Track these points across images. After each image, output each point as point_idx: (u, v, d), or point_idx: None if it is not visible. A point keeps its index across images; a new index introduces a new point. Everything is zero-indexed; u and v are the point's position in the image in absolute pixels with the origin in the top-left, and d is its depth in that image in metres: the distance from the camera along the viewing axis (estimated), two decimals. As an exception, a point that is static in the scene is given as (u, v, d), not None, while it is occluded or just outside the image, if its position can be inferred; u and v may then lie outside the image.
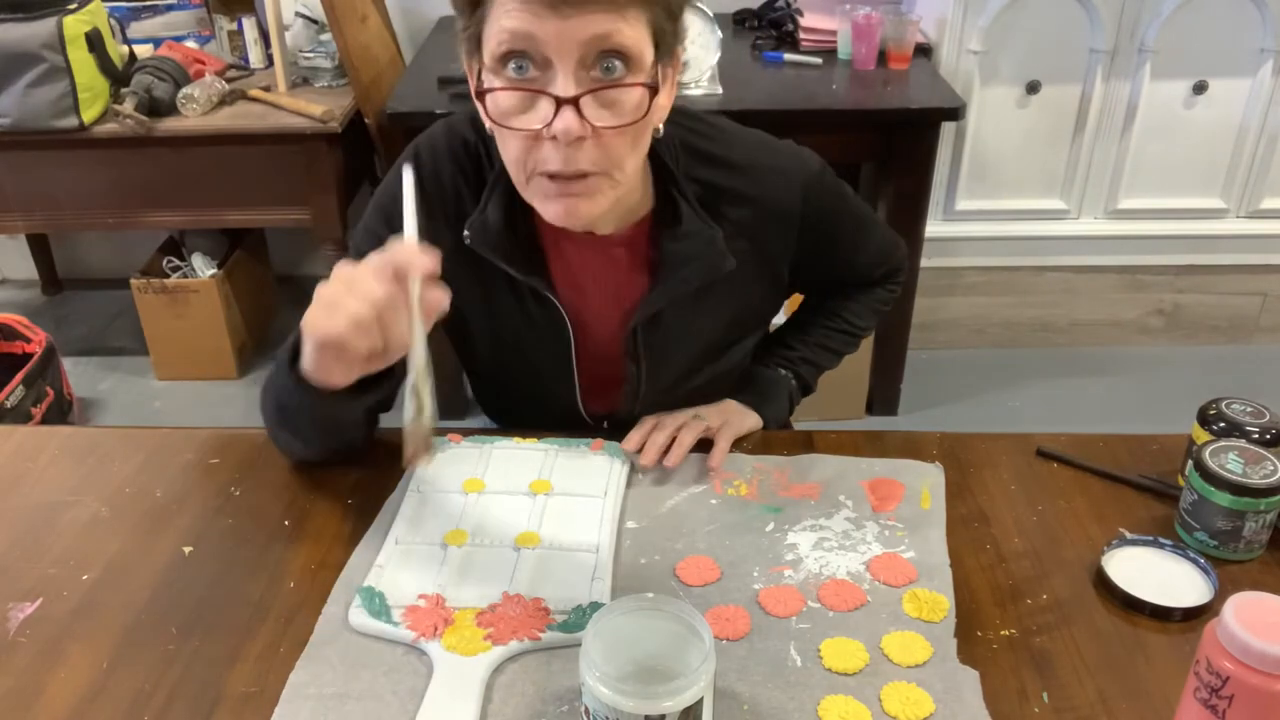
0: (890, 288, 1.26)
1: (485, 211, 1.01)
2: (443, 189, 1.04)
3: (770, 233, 1.07)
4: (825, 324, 1.24)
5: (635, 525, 0.99)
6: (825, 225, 1.10)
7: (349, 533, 0.97)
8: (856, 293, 1.24)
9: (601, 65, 0.85)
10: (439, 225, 1.03)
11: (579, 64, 0.85)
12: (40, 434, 1.15)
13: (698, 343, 1.11)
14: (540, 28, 0.83)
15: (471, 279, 1.05)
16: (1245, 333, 2.85)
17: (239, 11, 2.59)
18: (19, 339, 2.46)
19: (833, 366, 1.26)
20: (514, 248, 1.02)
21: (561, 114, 0.85)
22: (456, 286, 1.06)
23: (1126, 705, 0.80)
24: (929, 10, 2.51)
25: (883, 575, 0.92)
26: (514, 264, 1.02)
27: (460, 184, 1.04)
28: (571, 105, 0.85)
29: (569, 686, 0.80)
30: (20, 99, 2.22)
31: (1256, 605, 0.67)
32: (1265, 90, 2.50)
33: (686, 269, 1.03)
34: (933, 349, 2.81)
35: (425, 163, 1.04)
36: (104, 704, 0.80)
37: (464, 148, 1.04)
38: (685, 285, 1.04)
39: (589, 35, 0.83)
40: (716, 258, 1.03)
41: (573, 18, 0.82)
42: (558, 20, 0.82)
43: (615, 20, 0.84)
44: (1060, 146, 2.58)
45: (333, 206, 2.40)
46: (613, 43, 0.84)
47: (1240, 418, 0.98)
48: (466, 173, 1.04)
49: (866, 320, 1.25)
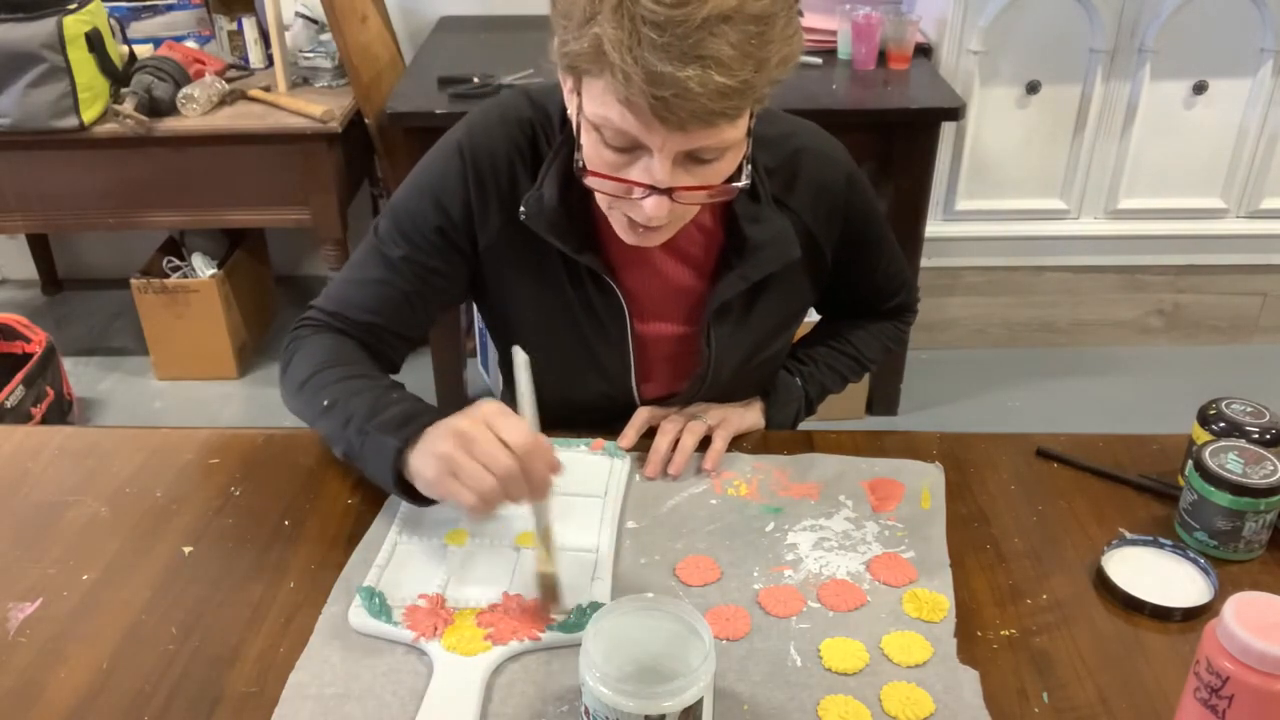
0: (900, 325, 1.27)
1: (541, 189, 1.01)
2: (496, 166, 1.03)
3: (821, 215, 1.08)
4: (835, 347, 1.25)
5: (635, 525, 0.99)
6: (859, 222, 1.11)
7: (349, 533, 0.97)
8: (867, 322, 1.25)
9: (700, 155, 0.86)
10: (490, 202, 1.04)
11: (676, 159, 0.85)
12: (40, 434, 1.15)
13: (758, 328, 1.12)
14: (650, 135, 0.83)
15: (526, 257, 1.05)
16: (1245, 333, 2.85)
17: (239, 11, 2.59)
18: (19, 339, 2.46)
19: (837, 391, 1.26)
20: (569, 226, 1.02)
21: (653, 199, 0.86)
22: (511, 268, 1.07)
23: (1126, 705, 0.80)
24: (929, 10, 2.51)
25: (883, 575, 0.92)
26: (568, 242, 1.02)
27: (516, 161, 1.03)
28: (666, 194, 0.86)
29: (569, 686, 0.80)
30: (20, 99, 2.22)
31: (1256, 605, 0.67)
32: (1265, 90, 2.50)
33: (762, 254, 1.04)
34: (933, 349, 2.81)
35: (479, 139, 1.03)
36: (104, 704, 0.80)
37: (518, 126, 1.04)
38: (760, 270, 1.05)
39: (697, 146, 0.84)
40: (788, 245, 1.05)
41: (691, 130, 0.82)
42: (677, 133, 0.82)
43: (728, 129, 0.84)
44: (1060, 146, 2.58)
45: (333, 206, 2.40)
46: (718, 143, 0.85)
47: (1240, 418, 0.98)
48: (523, 150, 1.04)
49: (874, 352, 1.26)
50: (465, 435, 0.83)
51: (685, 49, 0.77)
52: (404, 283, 1.06)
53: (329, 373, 1.01)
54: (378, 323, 1.07)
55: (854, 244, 1.12)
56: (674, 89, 0.77)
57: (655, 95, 0.78)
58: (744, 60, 0.79)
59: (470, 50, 2.50)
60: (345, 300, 1.08)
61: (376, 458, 0.92)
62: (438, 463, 0.84)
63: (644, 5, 0.76)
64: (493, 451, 0.82)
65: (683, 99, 0.78)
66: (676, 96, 0.78)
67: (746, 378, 1.15)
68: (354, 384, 0.99)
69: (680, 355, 1.12)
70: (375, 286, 1.06)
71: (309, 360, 1.03)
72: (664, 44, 0.76)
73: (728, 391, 1.14)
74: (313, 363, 1.03)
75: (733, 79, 0.78)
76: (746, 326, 1.10)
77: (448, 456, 0.83)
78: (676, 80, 0.77)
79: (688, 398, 1.12)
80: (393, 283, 1.06)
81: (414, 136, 2.14)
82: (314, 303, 1.10)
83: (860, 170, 1.11)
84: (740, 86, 0.79)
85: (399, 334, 1.09)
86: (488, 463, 0.82)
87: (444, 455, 0.84)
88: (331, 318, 1.08)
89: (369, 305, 1.07)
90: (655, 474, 1.05)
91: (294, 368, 1.05)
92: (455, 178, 1.04)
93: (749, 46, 0.79)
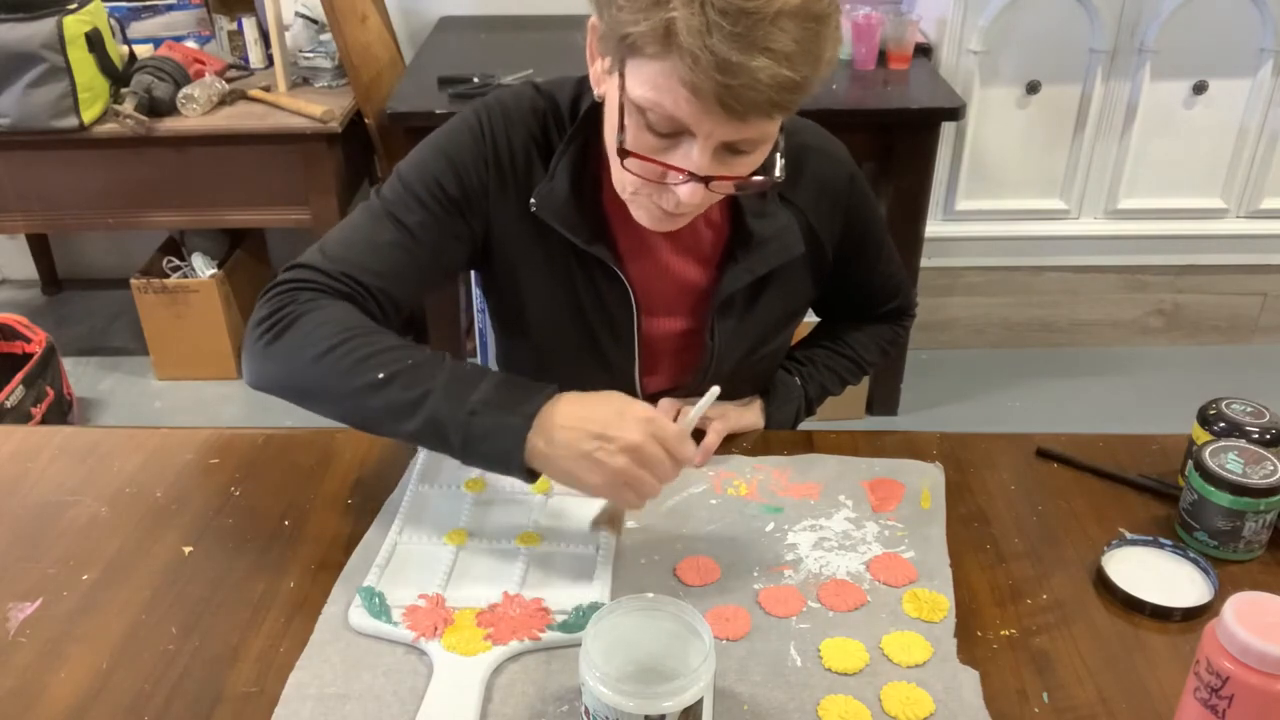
0: (897, 329, 1.28)
1: (553, 179, 1.01)
2: (513, 152, 1.03)
3: (824, 212, 1.09)
4: (833, 349, 1.25)
5: (635, 525, 0.98)
6: (860, 221, 1.12)
7: (349, 533, 0.97)
8: (865, 325, 1.25)
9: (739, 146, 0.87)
10: (507, 187, 1.03)
11: (719, 146, 0.86)
12: (40, 434, 1.15)
13: (761, 323, 1.12)
14: (699, 123, 0.84)
15: (536, 249, 1.05)
16: (1245, 333, 2.85)
17: (239, 11, 2.59)
18: (19, 339, 2.46)
19: (836, 392, 1.26)
20: (580, 218, 1.02)
21: (689, 186, 0.87)
22: (520, 256, 1.06)
23: (1126, 705, 0.80)
24: (929, 10, 2.51)
25: (883, 575, 0.92)
26: (579, 234, 1.02)
27: (532, 149, 1.03)
28: (703, 181, 0.87)
29: (569, 686, 0.80)
30: (20, 99, 2.22)
31: (1256, 605, 0.67)
32: (1265, 90, 2.50)
33: (766, 248, 1.05)
34: (933, 349, 2.81)
35: (498, 122, 1.03)
36: (104, 704, 0.80)
37: (533, 115, 1.03)
38: (765, 264, 1.06)
39: (742, 137, 0.85)
40: (792, 240, 1.06)
41: (750, 119, 0.83)
42: (734, 121, 0.83)
43: (773, 124, 0.86)
44: (1060, 146, 2.58)
45: (333, 206, 2.40)
46: (761, 135, 0.86)
47: (1240, 418, 0.98)
48: (538, 140, 1.03)
49: (872, 355, 1.26)
50: (645, 455, 0.85)
51: (754, 39, 0.78)
52: (417, 248, 1.00)
53: (369, 339, 0.91)
54: (386, 287, 0.99)
55: (854, 243, 1.13)
56: (744, 78, 0.79)
57: (724, 83, 0.79)
58: (805, 55, 0.81)
59: (470, 50, 2.50)
60: (355, 263, 0.98)
61: (497, 437, 0.86)
62: (613, 477, 0.86)
63: None
64: (667, 470, 0.87)
65: (750, 89, 0.79)
66: (744, 86, 0.79)
67: (747, 373, 1.15)
68: (409, 353, 0.91)
69: (684, 349, 1.12)
70: (390, 250, 0.99)
71: (331, 325, 0.92)
72: (736, 34, 0.78)
73: (729, 387, 1.14)
74: (340, 327, 0.92)
75: (796, 73, 0.80)
76: (749, 321, 1.10)
77: (626, 473, 0.86)
78: (747, 69, 0.79)
79: (689, 392, 1.12)
80: (408, 248, 0.99)
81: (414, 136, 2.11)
82: (307, 260, 0.98)
83: (861, 172, 1.12)
84: (802, 81, 0.81)
85: (401, 301, 1.01)
86: (662, 478, 0.87)
87: (621, 470, 0.85)
88: (337, 280, 0.97)
89: (382, 269, 0.98)
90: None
91: (303, 333, 0.92)
92: (474, 153, 1.02)
93: (809, 43, 0.81)
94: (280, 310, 0.94)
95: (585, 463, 0.86)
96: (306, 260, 0.99)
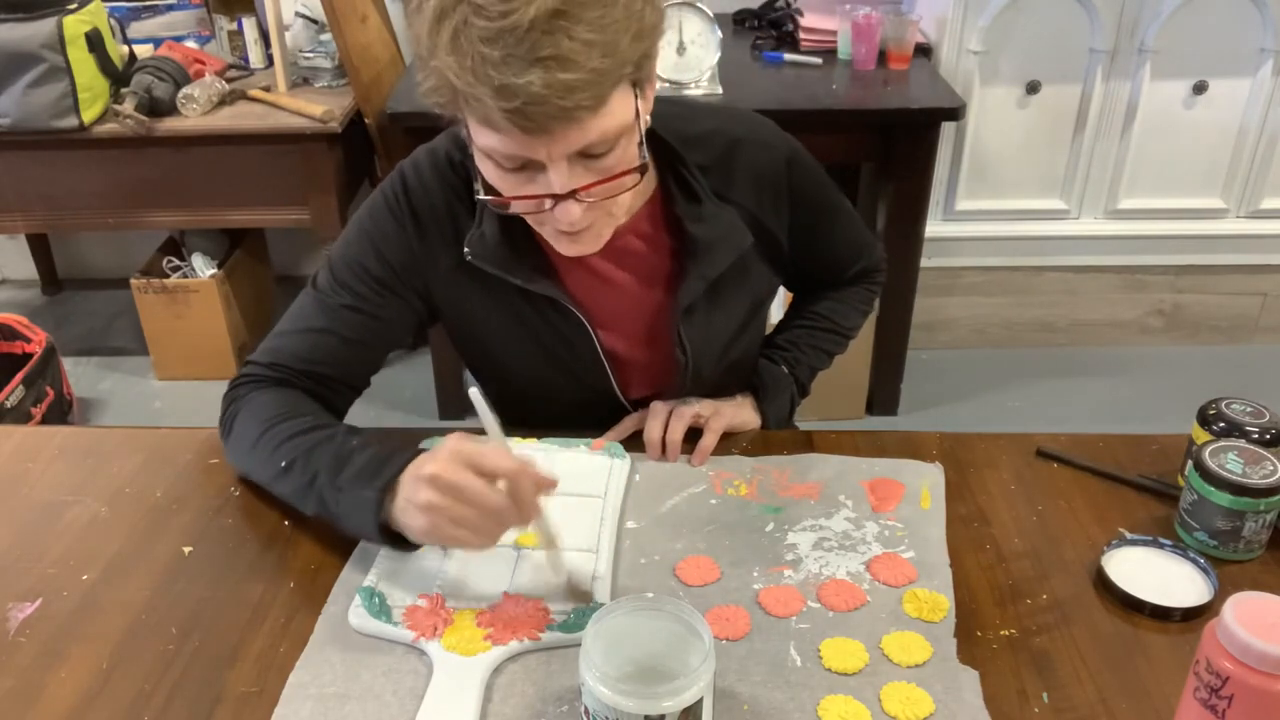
0: (870, 287, 1.27)
1: (481, 227, 1.01)
2: (435, 210, 1.03)
3: (767, 203, 1.08)
4: (813, 325, 1.25)
5: (635, 525, 0.99)
6: (807, 201, 1.11)
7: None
8: (838, 292, 1.25)
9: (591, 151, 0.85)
10: (435, 246, 1.03)
11: (569, 161, 0.84)
12: (40, 434, 1.15)
13: (728, 319, 1.12)
14: (528, 148, 0.82)
15: (483, 295, 1.05)
16: (1245, 333, 2.85)
17: (239, 11, 2.59)
18: (19, 339, 2.46)
19: (825, 367, 1.26)
20: (517, 258, 1.02)
21: (562, 206, 0.86)
22: (468, 304, 1.06)
23: (1126, 705, 0.80)
24: (929, 10, 2.51)
25: (883, 575, 0.92)
26: (518, 274, 1.02)
27: (454, 201, 1.03)
28: (569, 198, 0.85)
29: (569, 686, 0.80)
30: (20, 99, 2.22)
31: (1256, 605, 0.67)
32: (1265, 90, 2.50)
33: (714, 252, 1.04)
34: (933, 349, 2.81)
35: (414, 187, 1.03)
36: (104, 704, 0.80)
37: (451, 167, 1.03)
38: (716, 267, 1.05)
39: (578, 146, 0.83)
40: (738, 236, 1.05)
41: (557, 132, 0.80)
42: (546, 138, 0.81)
43: (599, 118, 0.81)
44: (1060, 146, 2.58)
45: (332, 206, 2.40)
46: (599, 137, 0.83)
47: (1240, 418, 0.98)
48: (459, 192, 1.03)
49: (852, 320, 1.26)
50: (447, 482, 0.81)
51: (522, 55, 0.76)
52: (347, 330, 1.03)
53: (281, 428, 0.97)
54: (320, 371, 1.04)
55: (807, 223, 1.12)
56: (522, 98, 0.77)
57: (506, 109, 0.77)
58: (588, 50, 0.77)
59: (470, 50, 2.50)
60: (285, 351, 1.04)
61: (356, 512, 0.89)
62: (428, 515, 0.82)
63: (475, 25, 0.76)
64: (479, 491, 0.81)
65: (534, 104, 0.77)
66: (527, 104, 0.77)
67: (729, 369, 1.15)
68: (311, 437, 0.96)
69: (654, 361, 1.12)
70: (317, 335, 1.04)
71: (256, 418, 0.99)
72: (502, 57, 0.76)
73: (714, 387, 1.14)
74: (261, 419, 0.99)
75: (578, 72, 0.77)
76: (716, 322, 1.10)
77: (435, 506, 0.82)
78: (520, 88, 0.76)
79: (674, 395, 1.12)
80: (336, 331, 1.03)
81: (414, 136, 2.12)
82: (252, 355, 1.06)
83: (800, 146, 1.10)
84: (590, 77, 0.78)
85: (343, 381, 1.07)
86: (478, 503, 0.81)
87: (431, 505, 0.82)
88: (270, 369, 1.04)
89: (310, 355, 1.04)
90: (655, 456, 1.07)
91: (240, 427, 1.01)
92: (394, 227, 1.03)
93: (591, 35, 0.77)
94: (228, 408, 1.04)
95: (409, 509, 0.85)
96: (252, 355, 1.07)
